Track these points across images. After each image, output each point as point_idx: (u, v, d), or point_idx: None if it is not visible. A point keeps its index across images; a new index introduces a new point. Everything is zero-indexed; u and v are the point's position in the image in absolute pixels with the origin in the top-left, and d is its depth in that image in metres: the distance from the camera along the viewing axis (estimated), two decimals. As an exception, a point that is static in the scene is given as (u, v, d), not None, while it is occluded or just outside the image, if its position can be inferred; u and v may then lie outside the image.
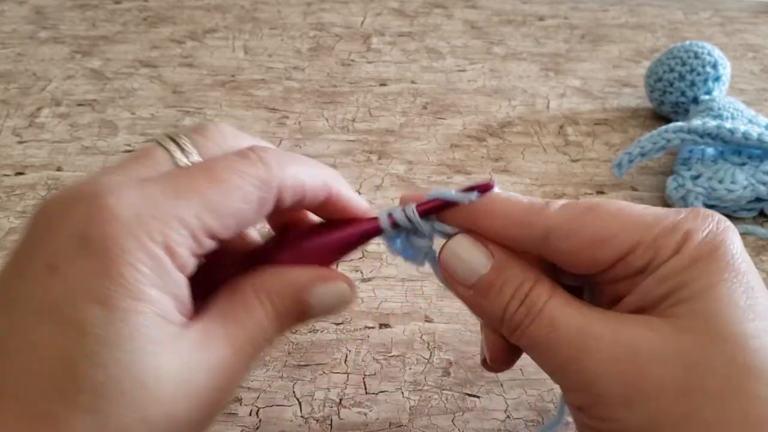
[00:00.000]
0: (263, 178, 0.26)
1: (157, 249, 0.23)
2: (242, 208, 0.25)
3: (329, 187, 0.28)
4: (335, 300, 0.28)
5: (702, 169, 0.52)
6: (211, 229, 0.25)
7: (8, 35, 0.73)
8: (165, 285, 0.23)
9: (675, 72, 0.59)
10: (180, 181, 0.24)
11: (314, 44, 0.74)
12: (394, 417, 0.37)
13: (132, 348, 0.22)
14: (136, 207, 0.23)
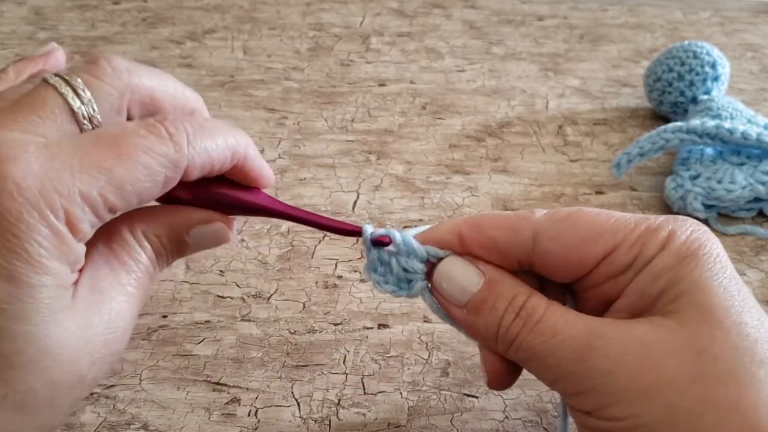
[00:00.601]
0: (172, 158, 0.26)
1: (60, 225, 0.24)
2: (147, 186, 0.25)
3: (237, 158, 0.29)
4: (211, 239, 0.30)
5: (701, 169, 0.52)
6: (114, 205, 0.25)
7: (7, 36, 0.73)
8: (66, 257, 0.24)
9: (674, 72, 0.59)
10: (86, 153, 0.24)
11: (313, 44, 0.74)
12: (392, 417, 0.37)
13: (37, 320, 0.23)
14: (40, 180, 0.23)
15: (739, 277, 0.27)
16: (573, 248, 0.28)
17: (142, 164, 0.25)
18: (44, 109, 0.25)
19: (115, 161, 0.24)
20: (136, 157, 0.25)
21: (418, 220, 0.51)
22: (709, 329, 0.25)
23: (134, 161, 0.25)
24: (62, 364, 0.24)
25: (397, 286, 0.31)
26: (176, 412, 0.37)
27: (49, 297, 0.23)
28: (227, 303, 0.44)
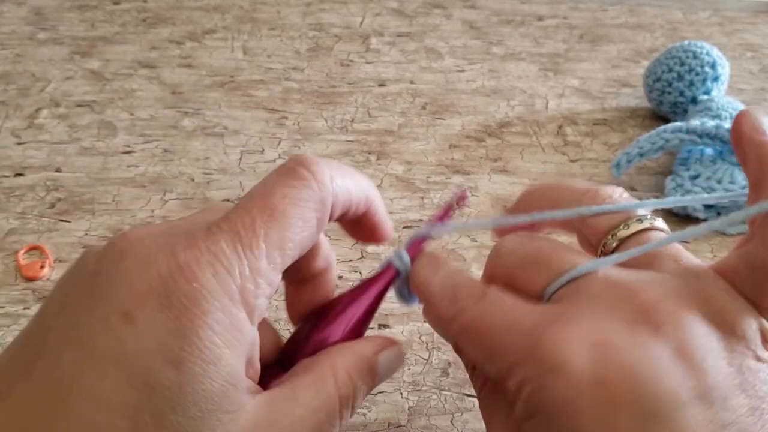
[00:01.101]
0: (319, 198, 0.25)
1: (235, 308, 0.22)
2: (305, 236, 0.25)
3: (370, 201, 0.29)
4: (396, 362, 0.29)
5: (700, 169, 0.52)
6: (281, 266, 0.24)
7: (7, 36, 0.73)
8: (239, 344, 0.23)
9: (674, 72, 0.59)
10: (243, 226, 0.24)
11: (313, 45, 0.74)
12: (392, 417, 0.37)
13: (198, 414, 0.21)
14: (211, 264, 0.22)
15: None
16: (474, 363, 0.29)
17: (297, 216, 0.24)
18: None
19: (270, 224, 0.24)
20: (289, 213, 0.24)
21: (418, 221, 0.51)
22: None
23: (289, 218, 0.24)
24: None
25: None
26: (177, 413, 0.37)
27: (213, 392, 0.22)
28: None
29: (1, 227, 0.49)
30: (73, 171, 0.54)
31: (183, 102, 0.63)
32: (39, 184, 0.53)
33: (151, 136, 0.59)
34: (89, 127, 0.60)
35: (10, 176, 0.54)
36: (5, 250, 0.47)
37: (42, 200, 0.51)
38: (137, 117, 0.61)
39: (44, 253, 0.46)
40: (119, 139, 0.58)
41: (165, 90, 0.65)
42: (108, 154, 0.56)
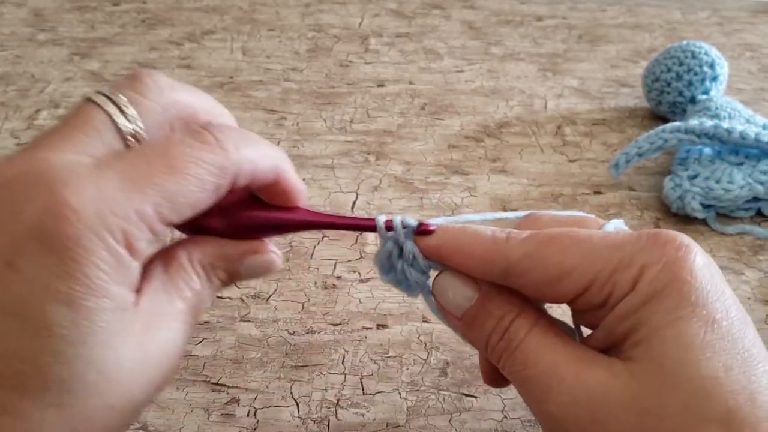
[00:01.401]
0: (221, 164, 0.25)
1: (119, 247, 0.23)
2: (199, 196, 0.25)
3: (278, 171, 0.28)
4: (263, 269, 0.30)
5: (699, 169, 0.52)
6: (168, 219, 0.25)
7: (7, 37, 0.73)
8: (124, 278, 0.24)
9: (672, 72, 0.59)
10: (137, 170, 0.24)
11: (312, 45, 0.74)
12: (391, 417, 0.37)
13: (95, 344, 0.23)
14: (95, 203, 0.23)
15: (719, 309, 0.25)
16: (543, 286, 0.27)
17: (193, 175, 0.25)
18: (90, 128, 0.25)
19: (165, 175, 0.24)
20: (186, 169, 0.24)
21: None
22: (657, 386, 0.24)
23: (184, 173, 0.24)
24: (119, 388, 0.24)
25: (397, 283, 0.31)
26: (175, 413, 0.37)
27: (107, 320, 0.23)
28: (226, 304, 0.44)
29: (1, 228, 0.49)
30: (73, 172, 0.54)
31: (182, 103, 0.63)
32: (38, 185, 0.53)
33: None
34: (88, 128, 0.60)
35: (9, 177, 0.54)
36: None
37: None
38: (136, 118, 0.61)
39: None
40: (118, 139, 0.58)
41: (164, 91, 0.65)
42: (107, 154, 0.56)
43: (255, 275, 0.30)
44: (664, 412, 0.23)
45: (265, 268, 0.30)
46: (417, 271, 0.30)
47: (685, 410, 0.23)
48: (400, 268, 0.30)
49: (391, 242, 0.30)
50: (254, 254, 0.29)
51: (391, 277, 0.31)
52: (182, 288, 0.27)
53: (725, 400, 0.23)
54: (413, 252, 0.30)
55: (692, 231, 0.51)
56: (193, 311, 0.27)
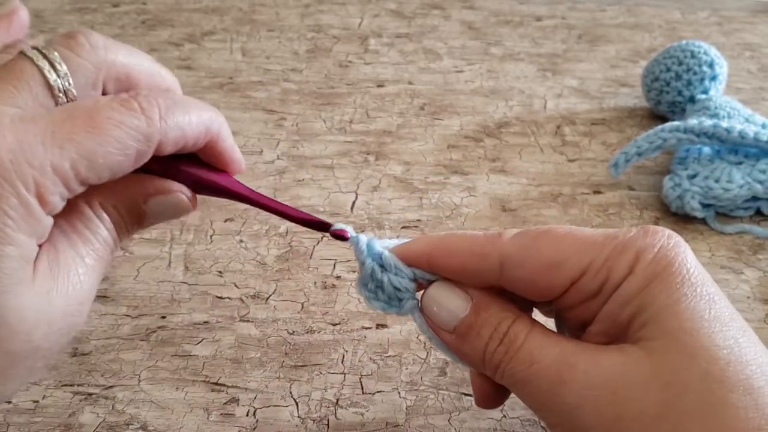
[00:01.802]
0: (145, 132, 0.26)
1: (29, 196, 0.24)
2: (119, 159, 0.26)
3: (210, 135, 0.29)
4: (171, 210, 0.30)
5: (698, 169, 0.52)
6: (85, 178, 0.25)
7: (7, 39, 0.73)
8: (32, 229, 0.24)
9: (672, 71, 0.59)
10: (59, 126, 0.24)
11: (312, 46, 0.74)
12: (390, 417, 0.37)
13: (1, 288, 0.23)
14: (12, 152, 0.23)
15: (714, 291, 0.26)
16: (539, 276, 0.27)
17: (114, 137, 0.25)
18: (20, 81, 0.25)
19: (87, 134, 0.25)
20: (108, 131, 0.25)
21: (417, 221, 0.51)
22: (676, 357, 0.24)
23: (106, 134, 0.25)
24: (19, 335, 0.24)
25: (387, 304, 0.31)
26: (175, 413, 0.37)
27: (10, 268, 0.23)
28: (226, 304, 0.44)
29: (1, 229, 0.49)
30: (72, 172, 0.54)
31: (182, 103, 0.63)
32: (38, 186, 0.53)
33: (150, 138, 0.59)
34: (88, 129, 0.60)
35: (9, 178, 0.54)
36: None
37: None
38: (136, 118, 0.61)
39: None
40: (118, 140, 0.58)
41: (164, 91, 0.65)
42: (107, 155, 0.57)
43: (163, 216, 0.30)
44: (687, 381, 0.23)
45: (173, 208, 0.30)
46: (405, 279, 0.30)
47: (706, 378, 0.23)
48: (387, 280, 0.30)
49: (369, 258, 0.30)
50: (158, 194, 0.29)
51: (381, 298, 0.31)
52: (84, 233, 0.27)
53: (743, 368, 0.23)
54: (393, 260, 0.30)
55: (691, 230, 0.51)
56: (99, 256, 0.28)
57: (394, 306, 0.31)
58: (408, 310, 0.30)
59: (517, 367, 0.27)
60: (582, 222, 0.51)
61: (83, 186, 0.26)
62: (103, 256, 0.28)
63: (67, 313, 0.26)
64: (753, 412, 0.23)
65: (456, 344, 0.29)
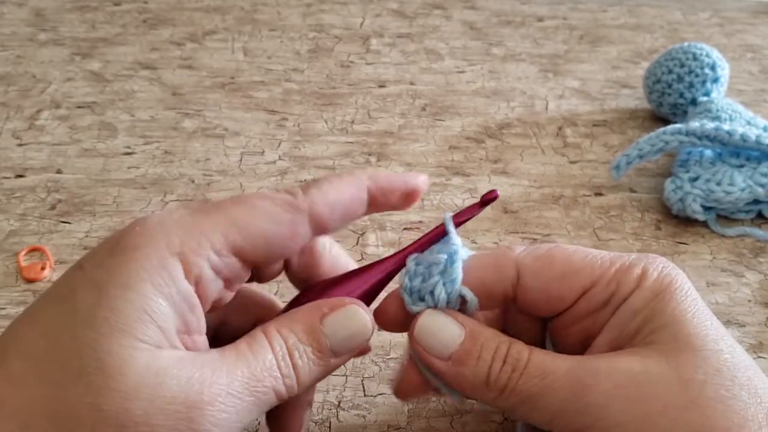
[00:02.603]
0: (289, 201, 0.27)
1: (169, 253, 0.24)
2: (271, 228, 0.27)
3: (367, 188, 0.30)
4: (351, 326, 0.28)
5: (700, 171, 0.52)
6: (237, 245, 0.26)
7: (8, 37, 0.73)
8: (164, 285, 0.24)
9: (673, 73, 0.59)
10: (209, 204, 0.27)
11: (313, 46, 0.74)
12: (392, 420, 0.37)
13: (107, 330, 0.23)
14: (163, 221, 0.25)
15: (708, 308, 0.29)
16: (553, 284, 0.29)
17: (261, 206, 0.27)
18: None
19: (233, 206, 0.27)
20: (254, 202, 0.27)
21: (418, 222, 0.51)
22: (691, 358, 0.26)
23: (253, 204, 0.27)
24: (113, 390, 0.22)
25: (409, 294, 0.30)
26: (177, 415, 0.37)
27: (125, 315, 0.23)
28: (228, 305, 0.44)
29: (2, 229, 0.49)
30: (74, 172, 0.55)
31: (183, 103, 0.64)
32: (40, 186, 0.53)
33: (151, 138, 0.59)
34: (90, 129, 0.60)
35: (10, 177, 0.54)
36: (6, 252, 0.47)
37: (43, 201, 0.51)
38: (138, 118, 0.61)
39: (45, 255, 0.46)
40: (120, 140, 0.58)
41: (165, 91, 0.65)
42: (108, 155, 0.57)
43: (344, 336, 0.28)
44: (704, 378, 0.26)
45: (352, 323, 0.28)
46: (443, 292, 0.29)
47: (719, 375, 0.26)
48: (433, 281, 0.29)
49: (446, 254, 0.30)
50: (334, 309, 0.28)
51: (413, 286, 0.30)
52: (243, 350, 0.26)
53: (744, 371, 0.26)
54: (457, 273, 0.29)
55: (693, 233, 0.51)
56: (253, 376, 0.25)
57: (412, 298, 0.30)
58: (415, 313, 0.30)
59: (529, 383, 0.27)
60: (583, 224, 0.51)
61: (234, 253, 0.26)
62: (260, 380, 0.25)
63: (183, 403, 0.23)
64: (754, 408, 0.25)
65: (453, 371, 0.29)
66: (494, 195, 0.31)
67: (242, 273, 0.27)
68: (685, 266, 0.48)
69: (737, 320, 0.44)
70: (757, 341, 0.43)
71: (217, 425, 0.24)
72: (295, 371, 0.27)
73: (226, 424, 0.24)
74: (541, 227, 0.51)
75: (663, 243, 0.50)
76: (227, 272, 0.26)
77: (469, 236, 0.50)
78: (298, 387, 0.27)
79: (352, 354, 0.29)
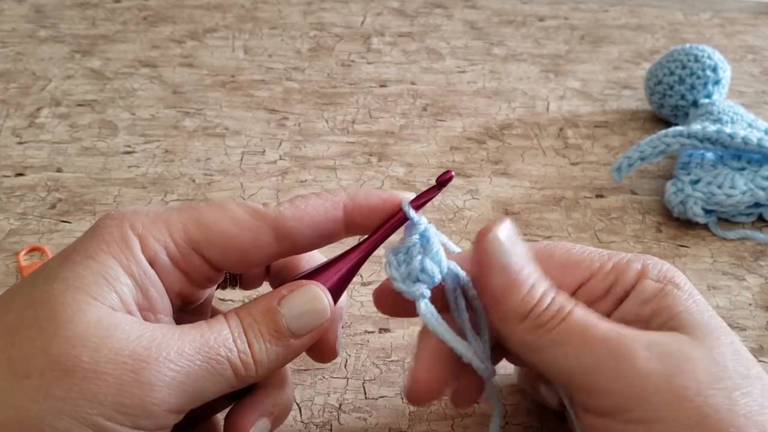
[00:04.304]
0: (257, 209, 0.29)
1: (131, 231, 0.27)
2: (232, 229, 0.28)
3: (343, 206, 0.30)
4: (308, 306, 0.29)
5: (701, 174, 0.52)
6: (194, 239, 0.28)
7: (7, 34, 0.73)
8: (125, 263, 0.26)
9: (675, 75, 0.59)
10: (186, 203, 0.29)
11: (314, 44, 0.74)
12: (393, 422, 0.37)
13: (59, 288, 0.25)
14: (137, 210, 0.28)
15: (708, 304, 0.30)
16: (552, 273, 0.30)
17: (228, 208, 0.28)
18: None
19: (208, 208, 0.29)
20: (223, 204, 0.29)
21: (419, 223, 0.51)
22: (713, 341, 0.27)
23: (225, 209, 0.28)
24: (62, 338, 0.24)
25: (402, 279, 0.30)
26: (178, 416, 0.37)
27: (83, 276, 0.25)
28: (229, 306, 0.44)
29: (2, 228, 0.49)
30: (74, 171, 0.54)
31: (184, 102, 0.63)
32: (40, 185, 0.53)
33: (152, 136, 0.59)
34: (90, 127, 0.60)
35: (10, 176, 0.54)
36: (6, 251, 0.47)
37: (43, 201, 0.51)
38: (138, 117, 0.61)
39: (45, 254, 0.46)
40: (120, 139, 0.58)
41: (166, 89, 0.65)
42: (109, 154, 0.56)
43: (301, 316, 0.28)
44: (726, 361, 0.27)
45: (309, 303, 0.29)
46: (436, 267, 0.30)
47: (738, 361, 0.27)
48: (419, 258, 0.30)
49: (418, 235, 0.30)
50: (292, 289, 0.29)
51: (401, 270, 0.30)
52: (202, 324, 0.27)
53: (748, 358, 0.28)
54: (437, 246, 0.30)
55: (693, 236, 0.51)
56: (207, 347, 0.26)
57: (407, 284, 0.30)
58: (416, 294, 0.30)
59: (573, 328, 0.28)
60: (584, 225, 0.51)
61: (191, 246, 0.28)
62: (213, 353, 0.26)
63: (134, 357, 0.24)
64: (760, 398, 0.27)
65: (504, 290, 0.28)
66: (449, 176, 0.31)
67: (207, 272, 0.29)
68: (686, 269, 0.48)
69: (738, 324, 0.44)
70: (757, 345, 0.43)
71: (163, 382, 0.24)
72: (251, 349, 0.27)
73: (174, 382, 0.25)
74: (542, 229, 0.51)
75: (664, 245, 0.50)
76: (185, 265, 0.28)
77: (470, 237, 0.50)
78: (256, 366, 0.27)
79: (314, 336, 0.29)
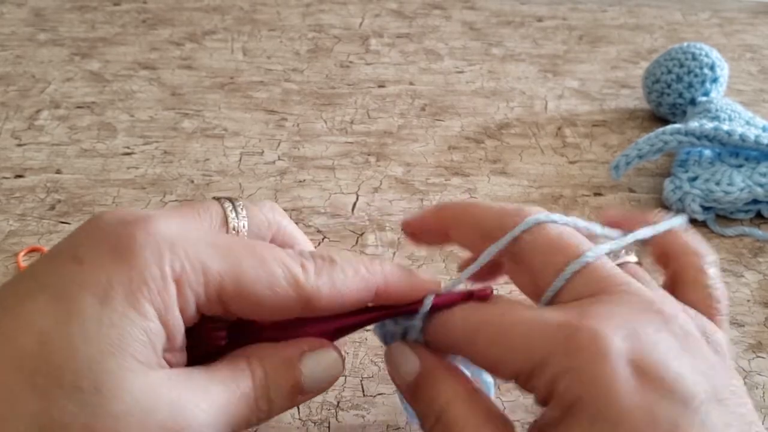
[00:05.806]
0: (298, 279, 0.26)
1: (170, 276, 0.24)
2: (264, 293, 0.26)
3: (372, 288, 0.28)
4: (325, 368, 0.28)
5: (699, 171, 0.52)
6: (226, 293, 0.25)
7: (7, 37, 0.73)
8: (163, 311, 0.24)
9: (673, 74, 0.59)
10: (223, 239, 0.26)
11: (313, 46, 0.74)
12: (391, 420, 0.37)
13: (103, 350, 0.22)
14: (174, 235, 0.25)
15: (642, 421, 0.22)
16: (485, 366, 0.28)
17: (269, 270, 0.26)
18: (205, 212, 0.28)
19: (245, 254, 0.26)
20: (265, 260, 0.26)
21: (418, 222, 0.51)
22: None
23: (264, 264, 0.26)
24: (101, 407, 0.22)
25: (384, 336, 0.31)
26: (176, 415, 0.37)
27: (129, 334, 0.23)
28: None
29: (2, 229, 0.49)
30: (73, 172, 0.55)
31: (183, 103, 0.64)
32: (39, 186, 0.53)
33: (150, 138, 0.59)
34: (89, 129, 0.60)
35: (10, 178, 0.54)
36: (5, 252, 0.47)
37: (42, 202, 0.51)
38: (137, 118, 0.61)
39: (44, 255, 0.46)
40: (119, 140, 0.59)
41: (165, 91, 0.65)
42: (108, 155, 0.57)
43: (318, 377, 0.28)
44: None
45: (327, 366, 0.28)
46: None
47: None
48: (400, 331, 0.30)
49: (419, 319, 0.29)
50: (313, 349, 0.28)
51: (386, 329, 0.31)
52: (225, 375, 0.26)
53: None
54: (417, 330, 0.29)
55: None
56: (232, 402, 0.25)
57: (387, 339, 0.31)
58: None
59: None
60: (583, 224, 0.51)
61: (220, 301, 0.25)
62: (238, 407, 0.25)
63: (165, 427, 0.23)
64: None
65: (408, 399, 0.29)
66: (486, 293, 0.28)
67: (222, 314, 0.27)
68: (685, 266, 0.48)
69: (736, 320, 0.44)
70: (756, 341, 0.43)
71: None
72: (268, 405, 0.27)
73: None
74: (540, 227, 0.51)
75: (662, 243, 0.50)
76: (206, 311, 0.26)
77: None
78: (266, 420, 0.27)
79: (314, 395, 0.29)
